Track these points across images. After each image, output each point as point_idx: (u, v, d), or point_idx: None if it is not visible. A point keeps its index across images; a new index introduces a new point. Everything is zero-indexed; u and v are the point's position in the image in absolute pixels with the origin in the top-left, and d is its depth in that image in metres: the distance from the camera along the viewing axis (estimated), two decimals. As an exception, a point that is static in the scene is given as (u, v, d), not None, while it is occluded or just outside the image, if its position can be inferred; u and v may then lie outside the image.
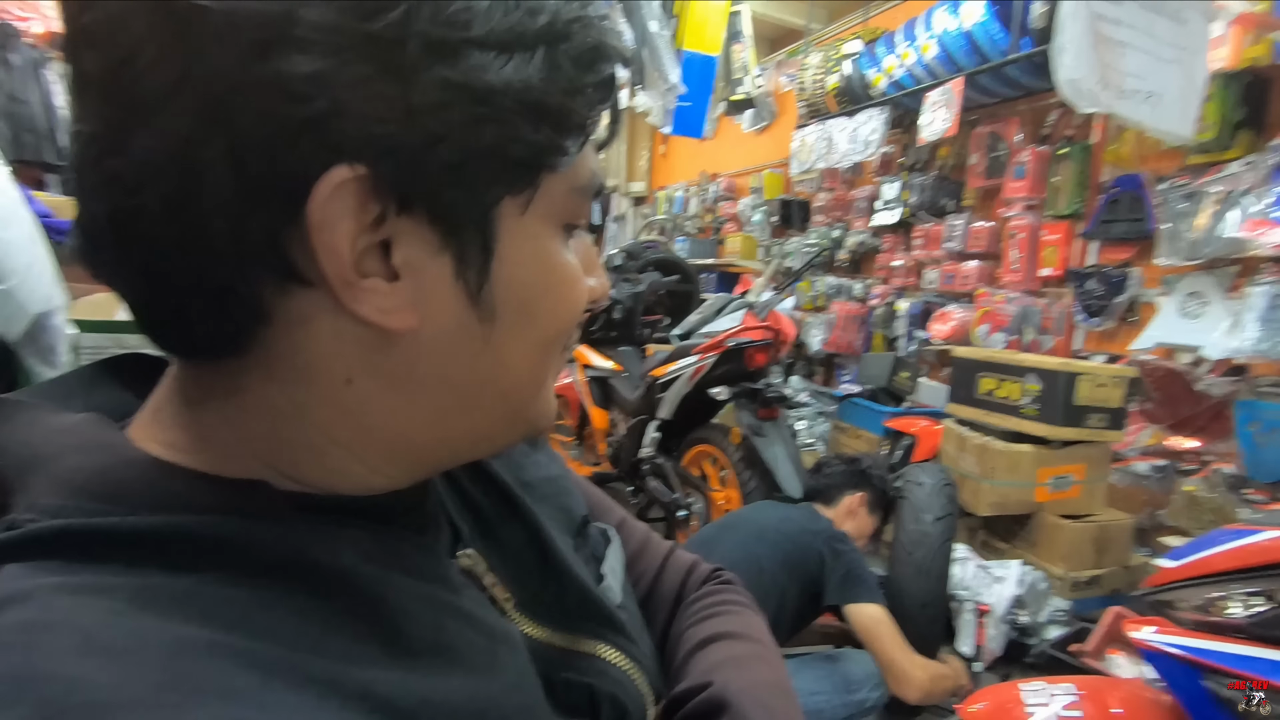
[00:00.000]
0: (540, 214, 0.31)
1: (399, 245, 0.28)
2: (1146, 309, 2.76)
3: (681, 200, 6.56)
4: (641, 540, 0.54)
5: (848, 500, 1.79)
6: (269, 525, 0.28)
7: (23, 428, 0.30)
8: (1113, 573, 2.38)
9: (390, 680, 0.26)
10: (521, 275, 0.31)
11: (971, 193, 3.53)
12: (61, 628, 0.22)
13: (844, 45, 3.96)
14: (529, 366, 0.33)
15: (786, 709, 0.41)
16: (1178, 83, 1.85)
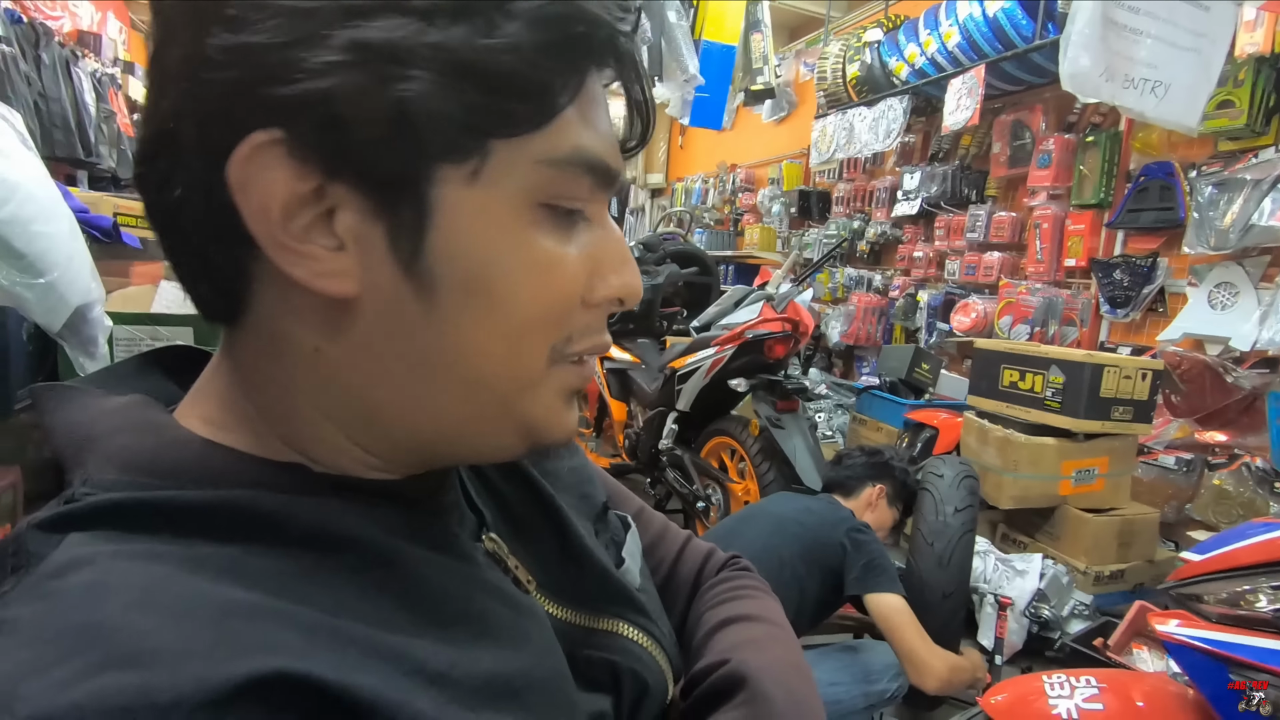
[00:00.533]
0: (498, 186, 0.29)
1: (340, 213, 0.28)
2: (1175, 300, 2.71)
3: (700, 192, 6.54)
4: (659, 529, 0.55)
5: (868, 492, 1.79)
6: (307, 502, 0.30)
7: (77, 410, 0.33)
8: (1137, 567, 2.36)
9: (423, 646, 0.28)
10: (469, 250, 0.29)
11: (994, 182, 3.48)
12: (123, 588, 0.24)
13: (865, 33, 3.92)
14: (500, 355, 0.31)
15: (803, 687, 0.42)
16: (1191, 72, 1.81)
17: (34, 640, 0.22)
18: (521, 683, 0.31)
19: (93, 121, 4.56)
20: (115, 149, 5.00)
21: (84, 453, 0.30)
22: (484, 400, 0.32)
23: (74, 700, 0.21)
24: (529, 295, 0.31)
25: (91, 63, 4.89)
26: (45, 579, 0.24)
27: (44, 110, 4.07)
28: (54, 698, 0.21)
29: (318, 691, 0.23)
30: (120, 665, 0.22)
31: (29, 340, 0.92)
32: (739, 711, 0.38)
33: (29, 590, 0.24)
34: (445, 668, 0.28)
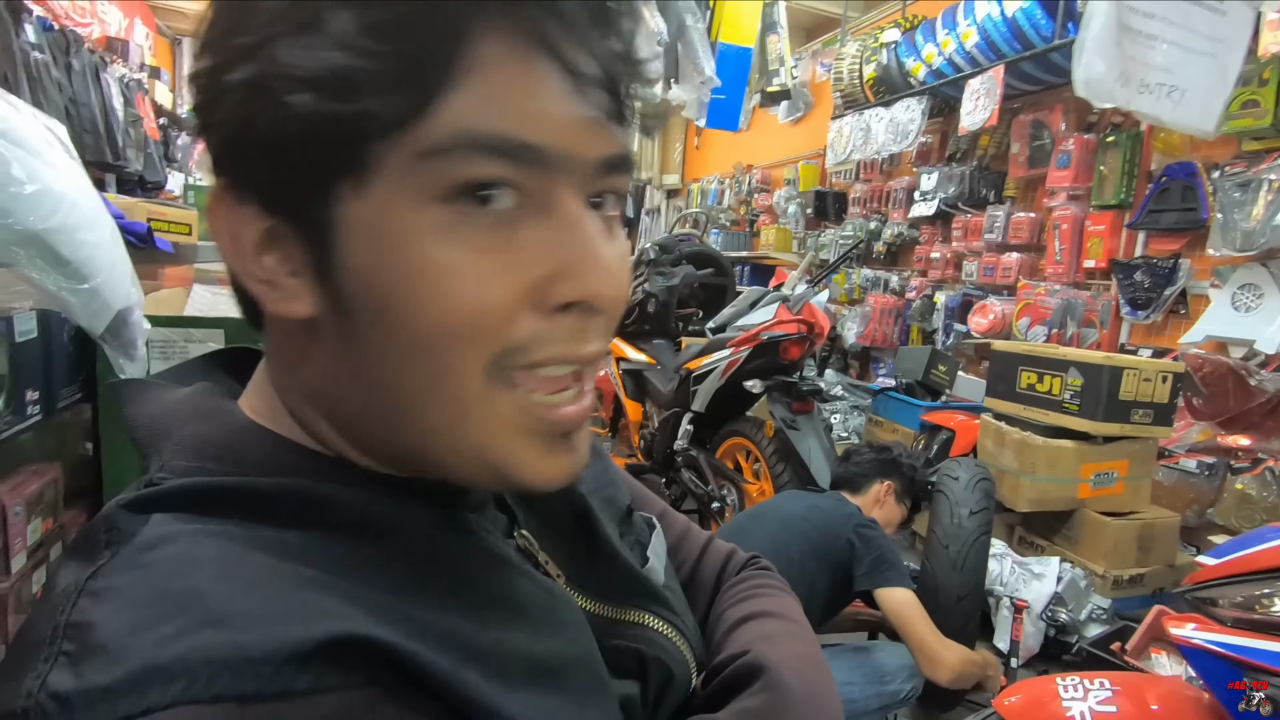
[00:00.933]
0: (387, 193, 0.28)
1: (275, 239, 0.31)
2: (1197, 302, 2.68)
3: (716, 192, 6.54)
4: (682, 530, 0.56)
5: (876, 488, 1.78)
6: (358, 493, 0.32)
7: (150, 403, 0.36)
8: (1157, 571, 2.33)
9: (467, 626, 0.30)
10: (370, 264, 0.29)
11: (1013, 183, 3.45)
12: (208, 561, 0.27)
13: (882, 34, 3.91)
14: (423, 373, 0.30)
15: (819, 679, 0.43)
16: (1207, 77, 1.80)
17: (136, 603, 0.25)
18: (558, 663, 0.33)
19: (120, 126, 4.67)
20: (142, 152, 5.11)
21: (159, 440, 0.33)
22: (431, 426, 0.31)
23: (178, 653, 0.23)
24: (437, 305, 0.28)
25: (119, 68, 5.00)
26: (139, 551, 0.27)
27: (74, 115, 4.17)
28: (159, 651, 0.23)
29: (384, 654, 0.26)
30: (215, 625, 0.24)
31: (69, 343, 0.96)
32: (757, 699, 0.40)
33: (125, 562, 0.27)
34: (489, 646, 0.30)
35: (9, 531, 0.81)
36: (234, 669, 0.24)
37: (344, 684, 0.25)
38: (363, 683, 0.26)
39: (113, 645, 0.24)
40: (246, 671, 0.24)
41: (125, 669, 0.23)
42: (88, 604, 0.26)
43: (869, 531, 1.57)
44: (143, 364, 0.84)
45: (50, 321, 0.90)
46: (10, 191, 0.66)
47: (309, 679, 0.24)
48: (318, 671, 0.25)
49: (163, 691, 0.23)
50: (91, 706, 0.23)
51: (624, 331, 3.30)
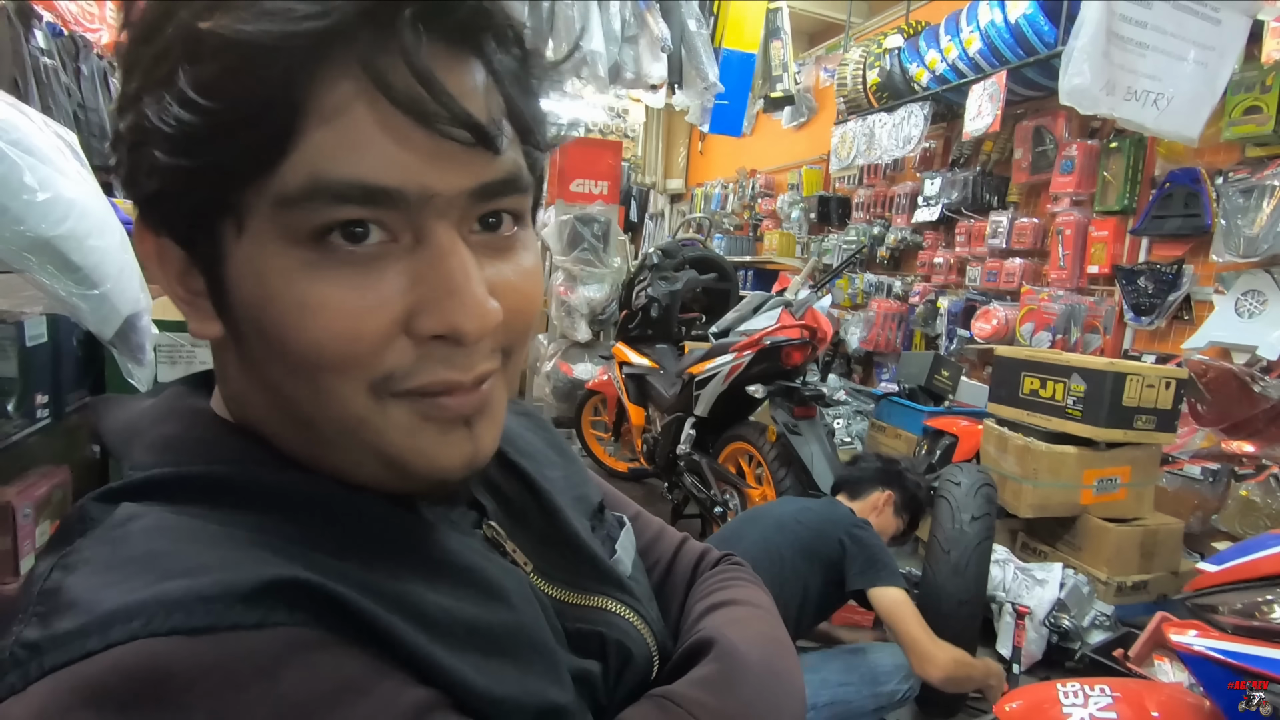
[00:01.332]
0: (259, 234, 0.30)
1: (189, 267, 0.34)
2: (1201, 307, 2.67)
3: (719, 197, 6.55)
4: (656, 531, 0.58)
5: (875, 496, 1.78)
6: (314, 481, 0.35)
7: (123, 412, 0.39)
8: (1161, 578, 2.33)
9: (416, 593, 0.32)
10: (247, 297, 0.31)
11: (1016, 188, 3.46)
12: (173, 529, 0.30)
13: (885, 39, 3.92)
14: (308, 397, 0.32)
15: (778, 654, 0.45)
16: (1195, 85, 1.80)
17: (106, 568, 0.28)
18: (502, 631, 0.35)
19: (129, 130, 4.70)
20: (149, 157, 5.14)
21: (130, 445, 0.36)
22: (325, 438, 0.34)
23: (141, 599, 0.26)
24: (307, 338, 0.30)
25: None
26: (108, 529, 0.30)
27: (83, 120, 4.18)
28: (123, 599, 0.26)
29: (327, 598, 0.29)
30: (176, 576, 0.27)
31: (79, 347, 0.97)
32: (709, 667, 0.41)
33: (96, 539, 0.30)
34: (434, 611, 0.32)
35: (18, 533, 0.83)
36: (188, 607, 0.26)
37: (291, 620, 0.27)
38: (310, 622, 0.28)
39: (80, 601, 0.27)
40: (199, 608, 0.26)
41: (90, 615, 0.26)
42: (60, 575, 0.28)
43: (861, 532, 1.58)
44: (151, 368, 0.85)
45: (60, 326, 0.91)
46: (22, 199, 0.67)
47: (258, 615, 0.27)
48: (266, 609, 0.27)
49: (124, 628, 0.25)
50: (58, 648, 0.25)
51: (627, 336, 3.31)
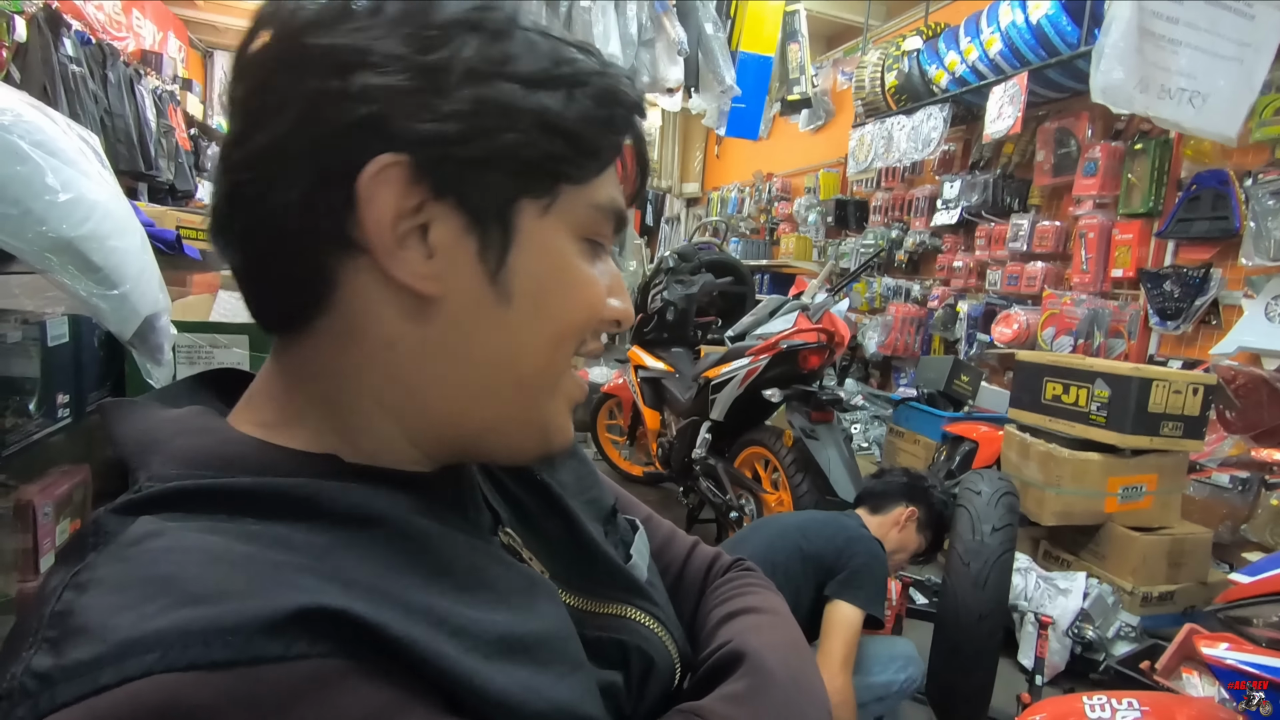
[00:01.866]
0: (559, 220, 0.37)
1: (434, 227, 0.34)
2: (1229, 312, 2.62)
3: (736, 201, 6.54)
4: (667, 533, 0.58)
5: (898, 511, 1.73)
6: (341, 487, 0.34)
7: (140, 420, 0.37)
8: (1188, 589, 2.27)
9: (445, 605, 0.32)
10: (537, 268, 0.36)
11: (1038, 191, 3.41)
12: (193, 549, 0.28)
13: (904, 41, 3.89)
14: (542, 357, 0.38)
15: (801, 663, 0.44)
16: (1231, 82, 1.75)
17: (120, 590, 0.27)
18: (533, 640, 0.34)
19: (153, 136, 4.79)
20: (173, 162, 5.23)
21: (148, 454, 0.34)
22: (521, 400, 0.38)
23: (156, 628, 0.25)
24: (573, 306, 0.38)
25: (153, 80, 5.14)
26: (124, 547, 0.29)
27: (109, 126, 4.29)
28: (140, 626, 0.25)
29: (354, 625, 0.27)
30: (193, 604, 0.26)
31: (100, 347, 0.98)
32: (740, 683, 0.41)
33: (111, 557, 0.28)
34: (466, 623, 0.31)
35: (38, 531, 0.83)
36: (207, 639, 0.25)
37: (315, 652, 0.26)
38: (336, 651, 0.26)
39: (93, 626, 0.25)
40: (219, 640, 0.25)
41: (105, 645, 0.24)
42: (71, 595, 0.27)
43: (858, 548, 1.53)
44: (169, 368, 0.86)
45: (81, 326, 0.92)
46: (45, 200, 0.68)
47: (280, 646, 0.25)
48: (289, 640, 0.26)
49: (139, 662, 0.24)
50: (70, 680, 0.24)
51: (643, 339, 3.31)
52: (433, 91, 0.33)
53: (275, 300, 0.36)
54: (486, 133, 0.34)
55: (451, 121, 0.33)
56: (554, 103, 0.35)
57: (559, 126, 0.35)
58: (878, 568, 1.53)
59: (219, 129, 7.17)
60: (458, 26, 0.34)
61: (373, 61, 0.32)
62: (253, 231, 0.35)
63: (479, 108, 0.33)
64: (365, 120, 0.32)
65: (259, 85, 0.34)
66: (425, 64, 0.33)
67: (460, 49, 0.33)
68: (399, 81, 0.32)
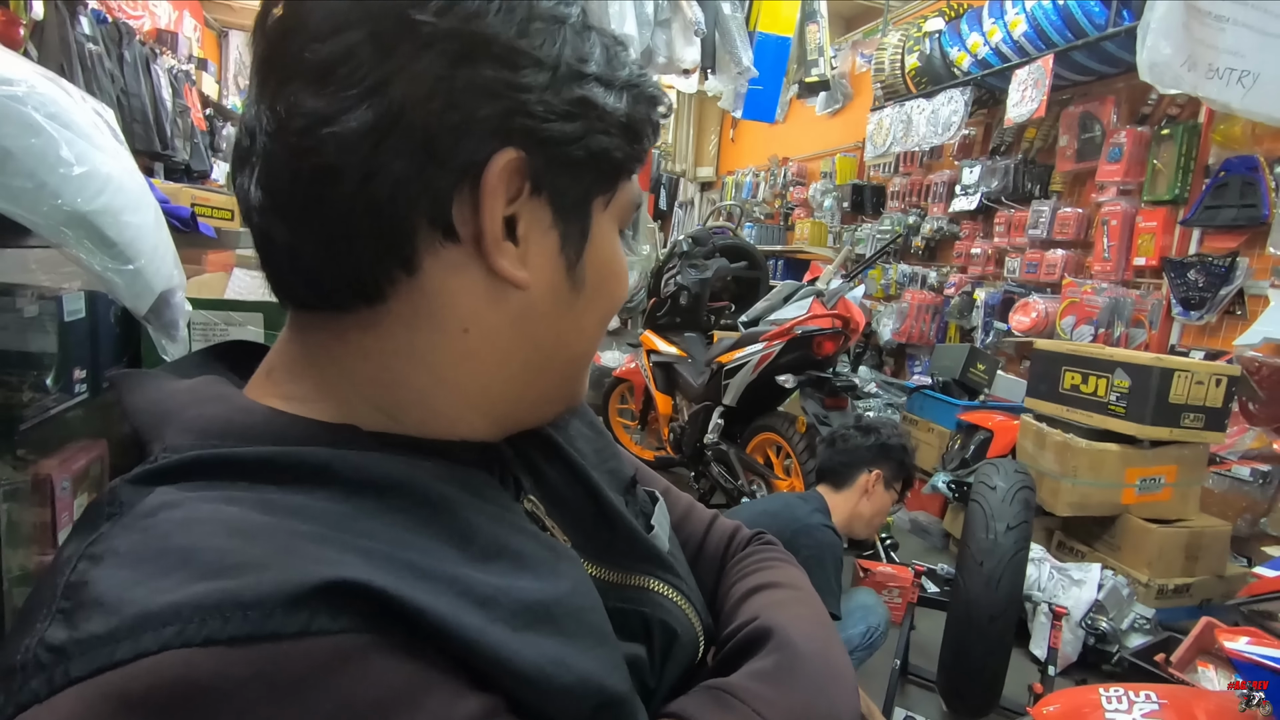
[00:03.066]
0: (612, 213, 0.40)
1: (523, 219, 0.35)
2: (1255, 302, 2.56)
3: (750, 185, 6.48)
4: (686, 506, 0.58)
5: (863, 479, 1.68)
6: (360, 455, 0.33)
7: (153, 391, 0.37)
8: (1205, 581, 2.25)
9: (469, 574, 0.31)
10: (599, 258, 0.39)
11: (1060, 177, 3.34)
12: (210, 520, 0.28)
13: (925, 23, 3.81)
14: (594, 337, 0.41)
15: (827, 639, 0.44)
16: None
17: (135, 562, 0.26)
18: (559, 610, 0.33)
19: (169, 116, 4.80)
20: (189, 142, 5.25)
21: (162, 425, 0.34)
22: (570, 374, 0.42)
23: (172, 601, 0.24)
24: (619, 291, 0.42)
25: (169, 60, 5.14)
26: (139, 518, 0.28)
27: (125, 105, 4.30)
28: (156, 600, 0.24)
29: (377, 598, 0.26)
30: (211, 577, 0.25)
31: (116, 323, 0.98)
32: (769, 659, 0.41)
33: (126, 528, 0.28)
34: (492, 592, 0.30)
35: (56, 505, 0.84)
36: (225, 613, 0.24)
37: (336, 627, 0.25)
38: (358, 626, 0.26)
39: (108, 599, 0.25)
40: (237, 615, 0.24)
41: (120, 618, 0.24)
42: (86, 566, 0.27)
43: (808, 539, 1.49)
44: (184, 345, 0.86)
45: (97, 302, 0.92)
46: (60, 173, 0.67)
47: (300, 622, 0.25)
48: (309, 615, 0.25)
49: (156, 636, 0.23)
50: (85, 654, 0.23)
51: (655, 324, 3.29)
52: (548, 89, 0.34)
53: (343, 283, 0.34)
54: (588, 134, 0.35)
55: (563, 122, 0.34)
56: (624, 104, 0.37)
57: (631, 128, 0.37)
58: (827, 558, 1.48)
59: (234, 109, 7.18)
60: (555, 21, 0.35)
61: (496, 53, 0.32)
62: (337, 212, 0.32)
63: (583, 109, 0.35)
64: (489, 116, 0.32)
65: (346, 53, 0.31)
66: (542, 60, 0.33)
67: (562, 46, 0.34)
68: (521, 79, 0.33)
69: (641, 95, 0.38)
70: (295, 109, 0.32)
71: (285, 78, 0.32)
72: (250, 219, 0.35)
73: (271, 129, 0.33)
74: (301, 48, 0.32)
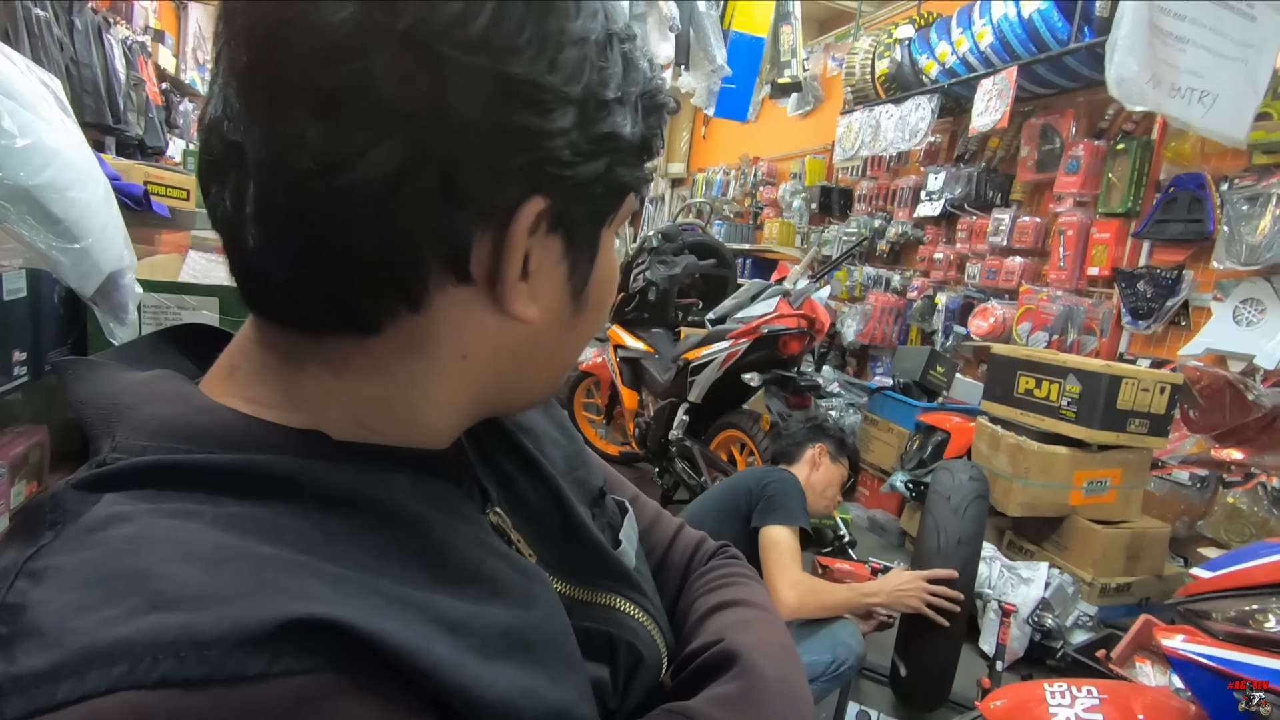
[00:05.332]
0: (613, 226, 0.38)
1: (535, 254, 0.33)
2: (1198, 314, 2.67)
3: (721, 183, 6.50)
4: (653, 516, 0.57)
5: (810, 453, 1.84)
6: (329, 466, 0.31)
7: (102, 382, 0.34)
8: (1145, 581, 2.34)
9: (440, 600, 0.29)
10: (601, 275, 0.38)
11: (1020, 186, 3.44)
12: (163, 541, 0.25)
13: (896, 29, 3.87)
14: (584, 346, 0.41)
15: (790, 665, 0.44)
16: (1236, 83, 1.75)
17: (80, 584, 0.24)
18: (533, 636, 0.32)
19: (122, 89, 4.60)
20: (143, 116, 5.05)
21: (112, 422, 0.31)
22: (557, 377, 0.41)
23: (123, 635, 0.22)
24: (613, 295, 0.41)
25: (123, 30, 4.93)
26: (86, 532, 0.25)
27: (75, 75, 4.11)
28: (103, 632, 0.22)
29: (348, 635, 0.25)
30: (165, 607, 0.23)
31: (59, 304, 0.94)
32: (731, 685, 0.40)
33: (71, 542, 0.25)
34: (463, 618, 0.29)
35: (-9, 493, 0.80)
36: (180, 652, 0.22)
37: (300, 668, 0.24)
38: (323, 666, 0.24)
39: (49, 628, 0.23)
40: (194, 655, 0.22)
41: (62, 652, 0.22)
42: (25, 585, 0.24)
43: (769, 478, 1.65)
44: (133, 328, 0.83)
45: (40, 281, 0.88)
46: (0, 145, 0.64)
47: (262, 662, 0.23)
48: (272, 655, 0.23)
49: (103, 675, 0.21)
50: (24, 693, 0.21)
51: (623, 319, 3.29)
52: (577, 130, 0.31)
53: (336, 315, 0.31)
54: (610, 169, 0.34)
55: (589, 162, 0.32)
56: (641, 126, 0.35)
57: (646, 149, 0.36)
58: (791, 488, 1.65)
59: (193, 85, 6.92)
60: (582, 42, 0.31)
61: (526, 95, 0.29)
62: (342, 251, 0.29)
63: (606, 144, 0.33)
64: (519, 166, 0.30)
65: (362, 84, 0.27)
66: (570, 96, 0.31)
67: (590, 74, 0.32)
68: (551, 124, 0.30)
69: (653, 104, 0.36)
70: (300, 142, 0.28)
71: (285, 99, 0.28)
72: (226, 232, 0.32)
73: (268, 159, 0.29)
74: (306, 68, 0.27)
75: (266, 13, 0.28)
